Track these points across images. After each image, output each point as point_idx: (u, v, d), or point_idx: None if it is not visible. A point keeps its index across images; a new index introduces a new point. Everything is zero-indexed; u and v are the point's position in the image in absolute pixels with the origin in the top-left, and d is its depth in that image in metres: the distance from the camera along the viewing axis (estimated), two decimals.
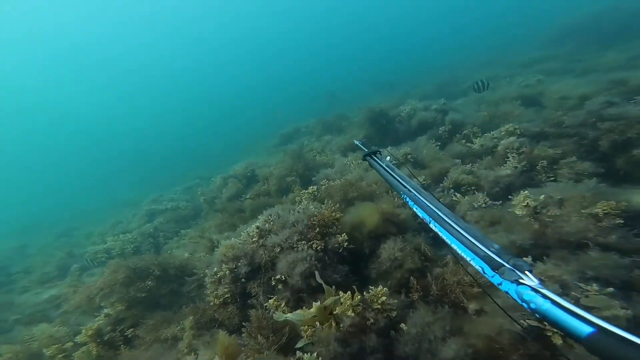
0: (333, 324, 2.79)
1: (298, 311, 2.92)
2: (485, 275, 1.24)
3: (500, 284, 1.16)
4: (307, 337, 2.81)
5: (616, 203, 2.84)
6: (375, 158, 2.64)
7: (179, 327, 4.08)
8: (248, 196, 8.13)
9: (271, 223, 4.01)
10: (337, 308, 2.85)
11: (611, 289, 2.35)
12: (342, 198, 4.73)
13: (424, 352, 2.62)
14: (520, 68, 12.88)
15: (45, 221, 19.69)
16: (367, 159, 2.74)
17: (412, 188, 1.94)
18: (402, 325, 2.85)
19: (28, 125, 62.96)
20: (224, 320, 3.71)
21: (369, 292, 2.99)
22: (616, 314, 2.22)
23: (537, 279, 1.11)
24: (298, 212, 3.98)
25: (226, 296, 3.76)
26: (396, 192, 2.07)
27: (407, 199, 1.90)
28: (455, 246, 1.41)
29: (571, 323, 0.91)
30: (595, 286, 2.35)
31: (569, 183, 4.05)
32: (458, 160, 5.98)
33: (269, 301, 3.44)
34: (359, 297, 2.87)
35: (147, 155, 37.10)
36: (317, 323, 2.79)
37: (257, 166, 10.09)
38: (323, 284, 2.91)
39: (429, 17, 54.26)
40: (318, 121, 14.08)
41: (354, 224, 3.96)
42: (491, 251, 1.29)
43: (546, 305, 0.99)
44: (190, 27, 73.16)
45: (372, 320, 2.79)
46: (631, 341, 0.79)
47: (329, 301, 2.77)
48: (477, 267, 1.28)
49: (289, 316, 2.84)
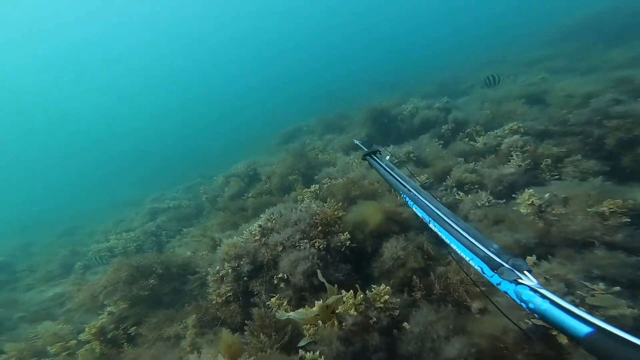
0: (335, 323, 2.78)
1: (300, 310, 2.92)
2: (484, 275, 1.24)
3: (499, 284, 1.17)
4: (310, 336, 2.80)
5: (623, 201, 2.80)
6: (375, 158, 2.62)
7: (182, 326, 4.08)
8: (250, 195, 8.13)
9: (273, 221, 4.00)
10: (340, 307, 2.83)
11: (618, 288, 2.32)
12: (345, 196, 4.72)
13: (427, 351, 2.60)
14: (523, 67, 12.76)
15: (46, 221, 19.81)
16: (367, 159, 2.72)
17: (412, 188, 1.93)
18: (405, 324, 2.83)
19: (29, 125, 63.27)
20: (227, 318, 3.71)
21: (372, 291, 2.98)
22: (623, 313, 2.19)
23: (536, 279, 1.11)
24: (300, 211, 3.97)
25: (228, 294, 3.76)
26: (396, 192, 2.06)
27: (407, 199, 1.90)
28: (454, 246, 1.42)
29: (569, 323, 0.91)
30: (601, 285, 2.33)
31: (574, 181, 4.01)
32: (461, 158, 5.95)
33: (272, 300, 3.44)
34: (362, 296, 2.86)
35: (149, 154, 37.24)
36: (320, 322, 2.78)
37: (259, 165, 10.08)
38: (325, 283, 2.90)
39: (430, 17, 53.94)
40: (319, 120, 14.05)
41: (357, 223, 3.94)
42: (490, 251, 1.29)
43: (545, 305, 0.99)
44: (190, 27, 73.24)
45: (375, 319, 2.78)
46: (630, 341, 0.78)
47: (332, 300, 2.76)
48: (477, 267, 1.28)
49: (292, 315, 2.83)
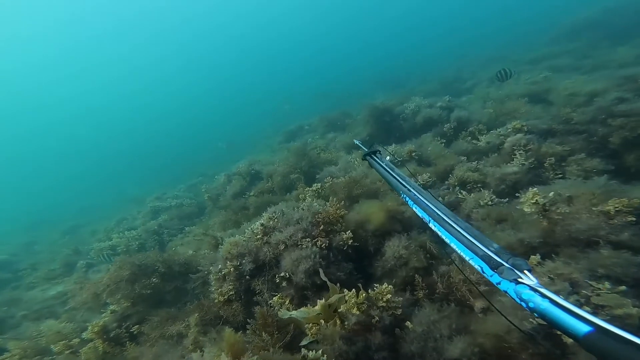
0: (338, 322, 2.77)
1: (302, 309, 2.91)
2: (484, 274, 1.25)
3: (499, 283, 1.17)
4: (312, 335, 2.80)
5: (628, 200, 2.77)
6: (375, 158, 2.62)
7: (184, 324, 4.09)
8: (252, 193, 8.12)
9: (275, 220, 4.00)
10: (342, 306, 2.82)
11: (623, 287, 2.29)
12: (347, 195, 4.71)
13: (430, 351, 2.59)
14: (527, 65, 12.65)
15: (49, 219, 19.90)
16: (367, 159, 2.72)
17: (412, 187, 1.93)
18: (408, 323, 2.82)
19: (31, 124, 63.82)
20: (229, 317, 3.71)
21: (374, 290, 2.97)
22: (628, 313, 2.17)
23: (536, 278, 1.11)
24: (302, 210, 3.96)
25: (230, 293, 3.75)
26: (396, 192, 2.07)
27: (407, 199, 1.90)
28: (454, 245, 1.42)
29: (569, 322, 0.90)
30: (607, 284, 2.30)
31: (578, 180, 3.98)
32: (463, 157, 5.91)
33: (274, 298, 3.44)
34: (364, 295, 2.85)
35: (150, 153, 37.28)
36: (322, 321, 2.78)
37: (261, 164, 10.07)
38: (327, 282, 2.89)
39: (433, 16, 53.60)
40: (321, 119, 14.02)
41: (359, 222, 3.93)
42: (490, 250, 1.29)
43: (544, 304, 0.98)
44: (193, 25, 73.42)
45: (377, 318, 2.77)
46: (630, 340, 0.78)
47: (334, 299, 2.75)
48: (476, 267, 1.29)
49: (294, 314, 2.82)
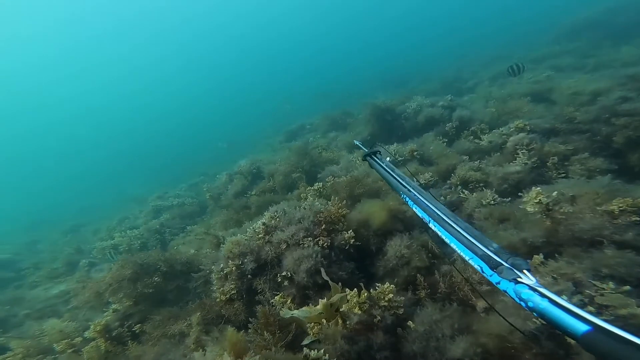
0: (340, 322, 2.76)
1: (304, 308, 2.91)
2: (484, 274, 1.26)
3: (498, 283, 1.18)
4: (314, 335, 2.79)
5: (633, 200, 2.75)
6: (375, 158, 2.62)
7: (186, 323, 4.09)
8: (253, 192, 8.13)
9: (277, 219, 3.99)
10: (344, 305, 2.82)
11: (627, 287, 2.28)
12: (348, 195, 4.70)
13: (432, 350, 2.58)
14: (529, 64, 12.55)
15: (51, 218, 19.98)
16: (367, 159, 2.73)
17: (412, 188, 1.94)
18: (410, 322, 2.81)
19: (33, 123, 64.08)
20: (231, 316, 3.71)
21: (376, 289, 2.96)
22: (633, 313, 2.16)
23: (535, 278, 1.11)
24: (304, 209, 3.96)
25: (232, 292, 3.75)
26: (396, 192, 2.08)
27: (407, 199, 1.91)
28: (454, 245, 1.44)
29: (568, 321, 0.90)
30: (611, 284, 2.29)
31: (581, 179, 3.96)
32: (466, 156, 5.90)
33: (275, 298, 3.43)
34: (366, 295, 2.84)
35: (151, 153, 37.36)
36: (324, 320, 2.77)
37: (263, 163, 10.07)
38: (329, 281, 2.88)
39: (435, 15, 53.41)
40: (323, 118, 14.02)
41: (361, 221, 3.92)
42: (490, 250, 1.30)
43: (543, 303, 0.99)
44: (194, 25, 73.48)
45: (379, 317, 2.76)
46: (627, 339, 0.78)
47: (335, 298, 2.74)
48: (476, 266, 1.30)
49: (296, 313, 2.82)
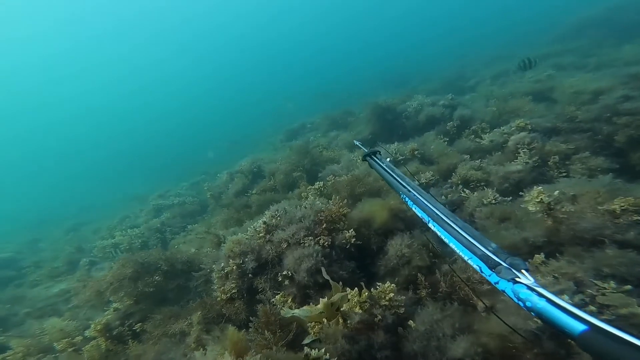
0: (340, 321, 2.76)
1: (305, 307, 2.90)
2: (482, 274, 1.27)
3: (497, 283, 1.18)
4: (314, 334, 2.79)
5: (634, 199, 2.74)
6: (375, 158, 2.62)
7: (187, 322, 4.10)
8: (254, 191, 8.13)
9: (278, 218, 3.99)
10: (345, 304, 2.82)
11: (629, 287, 2.27)
12: (349, 194, 4.69)
13: (433, 350, 2.58)
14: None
15: (52, 217, 20.00)
16: (367, 159, 2.73)
17: (412, 188, 1.95)
18: (410, 322, 2.81)
19: (34, 123, 64.19)
20: (231, 315, 3.71)
21: (377, 289, 2.96)
22: (634, 312, 2.16)
23: (533, 278, 1.12)
24: (305, 208, 3.95)
25: (233, 291, 3.75)
26: (395, 192, 2.08)
27: (407, 199, 1.91)
28: (453, 245, 1.45)
29: (565, 321, 0.91)
30: (612, 284, 2.28)
31: (583, 179, 3.95)
32: (467, 156, 5.89)
33: (276, 297, 3.43)
34: (367, 294, 2.84)
35: (151, 153, 37.38)
36: (324, 320, 2.77)
37: (263, 162, 10.06)
38: (330, 280, 2.88)
39: (436, 15, 53.25)
40: (324, 117, 14.00)
41: (362, 220, 3.92)
42: (488, 250, 1.31)
43: (541, 303, 0.99)
44: (195, 24, 73.41)
45: (380, 317, 2.76)
46: (624, 339, 0.78)
47: (336, 297, 2.74)
48: (475, 266, 1.31)
49: (296, 312, 2.81)
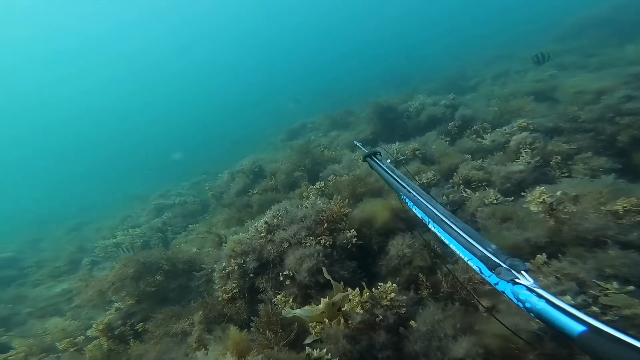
0: (342, 321, 2.76)
1: (306, 307, 2.90)
2: (482, 275, 1.27)
3: (496, 284, 1.19)
4: (316, 334, 2.79)
5: (637, 199, 2.73)
6: (375, 159, 2.62)
7: (188, 322, 4.11)
8: (255, 191, 8.13)
9: (279, 218, 3.99)
10: (346, 304, 2.82)
11: (632, 288, 2.27)
12: (351, 193, 4.69)
13: (434, 350, 2.58)
14: (532, 63, 12.53)
15: (53, 217, 20.05)
16: (368, 160, 2.74)
17: (412, 189, 1.95)
18: (412, 322, 2.81)
19: (36, 123, 64.39)
20: (233, 315, 3.72)
21: (378, 289, 2.96)
22: (636, 313, 2.15)
23: (533, 279, 1.12)
24: (306, 208, 3.95)
25: (234, 291, 3.76)
26: (396, 193, 2.09)
27: (407, 200, 1.91)
28: (453, 246, 1.45)
29: (564, 322, 0.91)
30: (615, 284, 2.28)
31: (585, 179, 3.94)
32: (468, 156, 5.87)
33: (277, 297, 3.44)
34: (368, 294, 2.84)
35: (151, 153, 37.38)
36: (326, 320, 2.77)
37: (264, 161, 10.07)
38: (331, 280, 2.88)
39: (434, 15, 53.08)
40: (325, 117, 14.01)
41: (363, 220, 3.92)
42: (488, 251, 1.31)
43: (541, 304, 0.99)
44: (195, 24, 73.23)
45: (381, 317, 2.76)
46: (622, 340, 0.78)
47: (338, 297, 2.74)
48: (475, 267, 1.31)
49: (298, 312, 2.82)
